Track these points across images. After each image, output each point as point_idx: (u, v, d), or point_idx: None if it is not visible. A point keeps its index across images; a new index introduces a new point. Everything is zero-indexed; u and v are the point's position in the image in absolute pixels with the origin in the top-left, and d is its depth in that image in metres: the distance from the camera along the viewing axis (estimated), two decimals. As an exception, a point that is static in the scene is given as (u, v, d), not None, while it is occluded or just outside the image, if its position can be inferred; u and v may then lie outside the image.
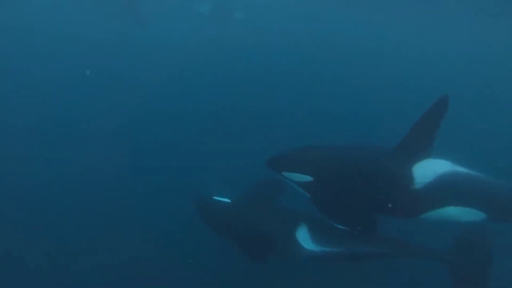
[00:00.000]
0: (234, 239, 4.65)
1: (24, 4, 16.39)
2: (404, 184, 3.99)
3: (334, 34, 15.35)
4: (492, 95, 10.49)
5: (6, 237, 5.36)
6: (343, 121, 8.51)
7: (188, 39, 13.35)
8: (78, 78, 10.13)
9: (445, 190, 3.97)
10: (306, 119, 8.52)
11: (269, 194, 4.94)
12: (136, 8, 14.57)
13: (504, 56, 14.47)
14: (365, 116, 8.58)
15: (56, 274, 4.98)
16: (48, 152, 7.08)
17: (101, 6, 14.51)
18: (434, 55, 14.06)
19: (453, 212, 4.01)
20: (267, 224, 4.54)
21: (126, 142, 7.42)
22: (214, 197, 4.95)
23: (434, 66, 12.80)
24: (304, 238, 4.28)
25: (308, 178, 4.15)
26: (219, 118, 8.61)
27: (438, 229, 4.28)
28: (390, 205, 4.06)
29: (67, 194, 6.13)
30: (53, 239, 5.40)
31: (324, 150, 4.36)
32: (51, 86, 9.68)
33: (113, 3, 14.43)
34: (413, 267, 4.59)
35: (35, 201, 6.04)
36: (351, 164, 4.16)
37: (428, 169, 4.01)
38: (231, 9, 16.70)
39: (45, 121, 8.03)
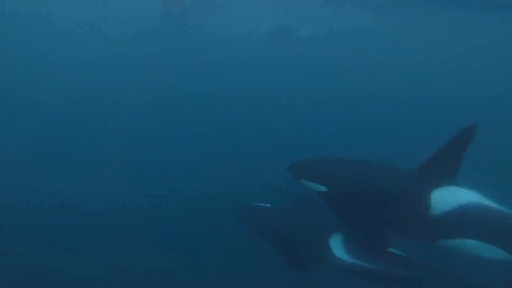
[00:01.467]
0: (273, 241, 4.76)
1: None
2: (421, 208, 3.86)
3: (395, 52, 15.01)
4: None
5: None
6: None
7: (247, 56, 13.66)
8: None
9: (464, 221, 3.76)
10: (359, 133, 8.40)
11: (311, 202, 4.88)
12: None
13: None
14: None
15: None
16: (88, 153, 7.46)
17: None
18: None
19: (470, 245, 3.79)
20: (302, 227, 4.61)
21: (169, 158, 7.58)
22: (255, 203, 5.14)
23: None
24: (336, 246, 4.27)
25: (323, 188, 4.21)
26: (267, 131, 8.82)
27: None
28: (403, 226, 3.97)
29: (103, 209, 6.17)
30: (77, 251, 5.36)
31: (343, 163, 4.35)
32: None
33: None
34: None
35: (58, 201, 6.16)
36: (368, 180, 4.10)
37: (449, 196, 3.84)
38: (296, 27, 17.04)
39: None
